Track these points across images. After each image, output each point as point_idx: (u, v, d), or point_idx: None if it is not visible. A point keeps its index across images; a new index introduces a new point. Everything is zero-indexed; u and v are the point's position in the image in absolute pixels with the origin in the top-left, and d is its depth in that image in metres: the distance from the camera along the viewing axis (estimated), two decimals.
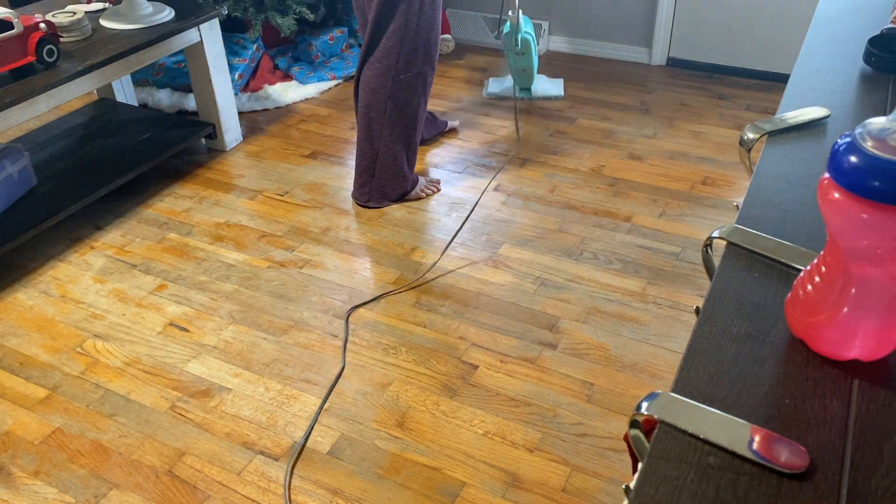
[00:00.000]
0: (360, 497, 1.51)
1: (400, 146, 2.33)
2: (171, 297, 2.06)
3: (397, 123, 2.28)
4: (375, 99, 2.25)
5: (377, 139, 2.30)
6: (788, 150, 1.00)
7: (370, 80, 2.23)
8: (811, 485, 0.57)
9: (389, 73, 2.20)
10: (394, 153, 2.33)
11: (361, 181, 2.39)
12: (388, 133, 2.29)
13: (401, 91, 2.24)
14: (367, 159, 2.35)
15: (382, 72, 2.21)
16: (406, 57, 2.20)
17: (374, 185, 2.38)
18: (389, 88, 2.23)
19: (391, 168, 2.35)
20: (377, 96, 2.24)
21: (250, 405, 1.72)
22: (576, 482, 1.52)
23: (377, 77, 2.22)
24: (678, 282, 2.05)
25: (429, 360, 1.83)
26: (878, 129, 0.58)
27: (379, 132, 2.29)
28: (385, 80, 2.21)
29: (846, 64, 1.23)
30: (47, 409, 1.72)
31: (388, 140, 2.30)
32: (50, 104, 2.10)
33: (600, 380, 1.76)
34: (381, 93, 2.23)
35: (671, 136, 2.79)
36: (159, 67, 3.08)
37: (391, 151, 2.32)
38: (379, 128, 2.28)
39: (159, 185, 2.57)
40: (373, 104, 2.25)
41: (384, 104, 2.25)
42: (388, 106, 2.25)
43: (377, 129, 2.29)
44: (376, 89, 2.23)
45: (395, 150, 2.32)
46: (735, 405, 0.63)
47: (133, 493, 1.52)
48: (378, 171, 2.35)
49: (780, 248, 0.81)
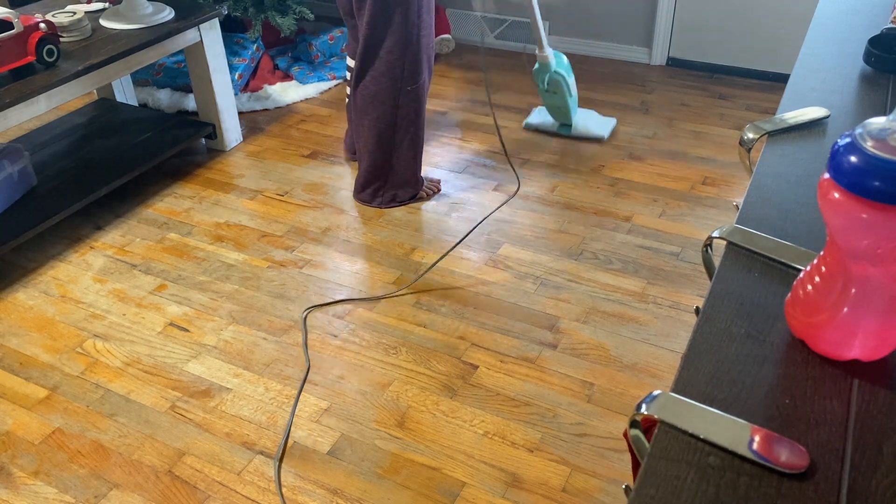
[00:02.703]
0: (360, 497, 1.51)
1: (412, 153, 2.36)
2: (171, 297, 2.06)
3: (408, 132, 2.31)
4: (385, 112, 2.26)
5: (390, 150, 2.32)
6: (788, 150, 1.00)
7: (378, 94, 2.23)
8: (811, 485, 0.57)
9: (396, 86, 2.22)
10: (408, 160, 2.36)
11: (374, 187, 2.40)
12: (400, 143, 2.32)
13: (409, 102, 2.26)
14: (380, 168, 2.36)
15: (389, 85, 2.22)
16: (410, 69, 2.20)
17: (386, 190, 2.40)
18: (398, 101, 2.24)
19: (407, 175, 2.38)
20: (386, 109, 2.25)
21: (250, 405, 1.72)
22: (576, 482, 1.52)
23: (385, 91, 2.23)
24: (678, 282, 2.05)
25: (429, 360, 1.83)
26: (878, 129, 0.58)
27: (391, 144, 2.31)
28: (393, 93, 2.23)
29: (846, 64, 1.23)
30: (47, 409, 1.72)
31: (402, 150, 2.33)
32: (50, 104, 2.10)
33: (600, 380, 1.76)
34: (390, 105, 2.24)
35: (671, 136, 2.79)
36: (159, 67, 3.08)
37: (405, 159, 2.35)
38: (391, 140, 2.31)
39: (159, 185, 2.57)
40: (382, 117, 2.27)
41: (393, 117, 2.27)
42: (397, 117, 2.27)
43: (388, 141, 2.31)
44: (385, 102, 2.24)
45: (408, 157, 2.35)
46: (735, 405, 0.63)
47: (133, 493, 1.52)
48: (391, 178, 2.38)
49: (780, 248, 0.81)
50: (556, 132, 2.78)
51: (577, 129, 2.75)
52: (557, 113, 2.74)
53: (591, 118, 2.81)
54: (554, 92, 2.63)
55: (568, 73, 2.61)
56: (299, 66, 3.30)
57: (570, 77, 2.62)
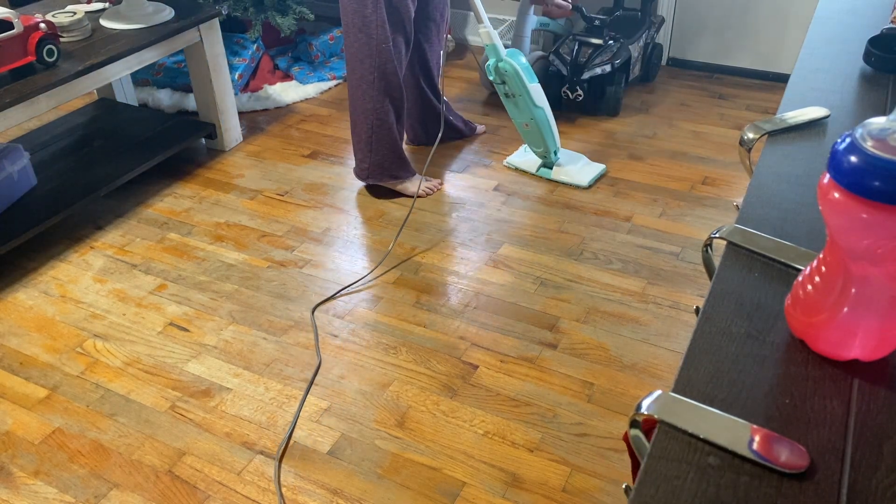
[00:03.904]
0: (360, 497, 1.51)
1: (392, 118, 2.36)
2: (171, 296, 2.06)
3: (386, 93, 2.31)
4: (364, 69, 2.27)
5: (371, 111, 2.33)
6: (788, 150, 1.00)
7: (359, 51, 2.26)
8: (811, 485, 0.57)
9: (372, 43, 2.23)
10: (388, 125, 2.36)
11: (360, 156, 2.42)
12: (380, 105, 2.32)
13: (385, 62, 2.26)
14: (364, 132, 2.37)
15: (365, 42, 2.23)
16: (383, 27, 2.22)
17: (373, 160, 2.40)
18: (375, 59, 2.25)
19: (387, 141, 2.38)
20: (365, 67, 2.27)
21: (250, 405, 1.72)
22: (576, 482, 1.52)
23: (363, 48, 2.24)
24: (678, 282, 2.05)
25: (429, 360, 1.83)
26: (878, 129, 0.58)
27: (371, 104, 2.32)
28: (370, 49, 2.24)
29: (846, 64, 1.23)
30: (47, 409, 1.72)
31: (382, 112, 2.33)
32: (50, 104, 2.10)
33: (600, 380, 1.76)
34: (368, 63, 2.26)
35: (671, 136, 2.79)
36: (159, 67, 3.08)
37: (385, 124, 2.35)
38: (371, 99, 2.31)
39: (159, 185, 2.57)
40: (364, 76, 2.28)
41: (372, 75, 2.28)
42: (375, 77, 2.28)
43: (369, 101, 2.31)
44: (363, 60, 2.26)
45: (388, 122, 2.36)
46: (735, 405, 0.63)
47: (133, 493, 1.52)
48: (375, 144, 2.38)
49: (780, 248, 0.81)
50: (536, 174, 2.53)
51: (558, 173, 2.50)
52: (528, 134, 2.45)
53: (576, 162, 2.54)
54: (508, 95, 2.34)
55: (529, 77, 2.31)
56: (299, 66, 3.30)
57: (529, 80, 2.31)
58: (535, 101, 2.33)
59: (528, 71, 2.30)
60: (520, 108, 2.36)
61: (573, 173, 2.49)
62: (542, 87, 2.37)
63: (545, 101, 2.37)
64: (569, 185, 2.48)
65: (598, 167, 2.54)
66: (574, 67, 2.81)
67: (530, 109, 2.34)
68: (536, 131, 2.41)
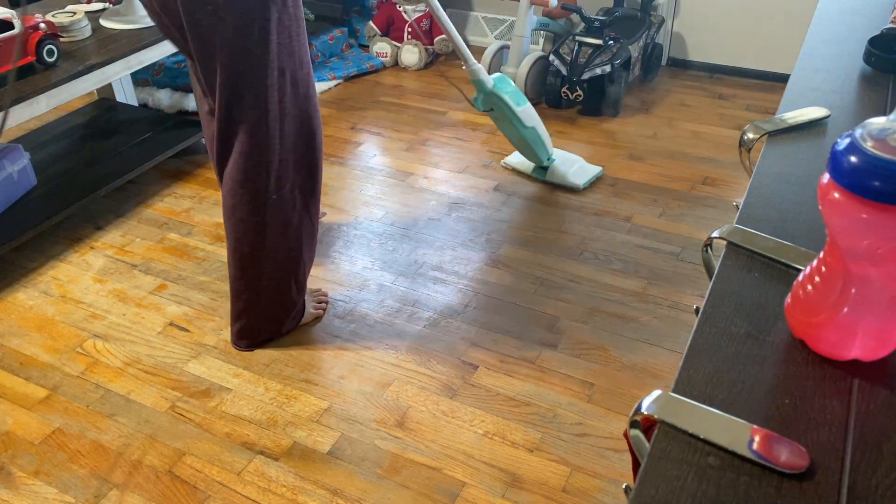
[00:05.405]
0: (360, 497, 1.51)
1: (288, 278, 1.79)
2: (171, 297, 2.06)
3: (279, 251, 1.73)
4: (247, 231, 1.69)
5: (257, 279, 1.75)
6: (788, 150, 1.00)
7: (237, 209, 1.67)
8: (811, 485, 0.57)
9: (259, 199, 1.65)
10: (280, 290, 1.79)
11: (238, 326, 1.84)
12: (270, 271, 1.75)
13: (277, 215, 1.69)
14: (243, 302, 1.79)
15: (249, 200, 1.65)
16: (277, 172, 1.65)
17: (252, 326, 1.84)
18: (263, 217, 1.67)
19: (276, 306, 1.82)
20: (248, 227, 1.68)
21: (250, 405, 1.72)
22: (576, 482, 1.52)
23: (245, 206, 1.66)
24: (678, 282, 2.05)
25: (429, 360, 1.83)
26: (878, 129, 0.58)
27: (258, 271, 1.74)
28: (255, 207, 1.66)
29: (846, 64, 1.23)
30: (47, 409, 1.72)
31: (272, 279, 1.76)
32: (50, 104, 2.10)
33: (600, 380, 1.76)
34: (253, 223, 1.68)
35: (671, 136, 2.79)
36: (159, 67, 3.07)
37: (277, 289, 1.79)
38: (257, 266, 1.73)
39: (159, 185, 2.57)
40: (245, 238, 1.69)
41: (261, 237, 1.69)
42: (265, 237, 1.70)
43: (255, 269, 1.74)
44: (245, 220, 1.67)
45: (281, 287, 1.78)
46: (735, 405, 0.63)
47: (133, 493, 1.52)
48: (259, 312, 1.81)
49: (780, 248, 0.81)
50: (532, 175, 2.53)
51: (553, 175, 2.49)
52: (523, 147, 2.45)
53: (572, 164, 2.52)
54: (500, 119, 2.34)
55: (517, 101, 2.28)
56: None
57: (517, 104, 2.28)
58: (525, 122, 2.34)
59: (515, 95, 2.30)
60: (511, 129, 2.38)
61: (568, 175, 2.49)
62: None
63: (536, 119, 2.37)
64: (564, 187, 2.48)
65: (595, 169, 2.53)
66: (574, 67, 2.81)
67: (520, 131, 2.35)
68: (527, 147, 2.43)
